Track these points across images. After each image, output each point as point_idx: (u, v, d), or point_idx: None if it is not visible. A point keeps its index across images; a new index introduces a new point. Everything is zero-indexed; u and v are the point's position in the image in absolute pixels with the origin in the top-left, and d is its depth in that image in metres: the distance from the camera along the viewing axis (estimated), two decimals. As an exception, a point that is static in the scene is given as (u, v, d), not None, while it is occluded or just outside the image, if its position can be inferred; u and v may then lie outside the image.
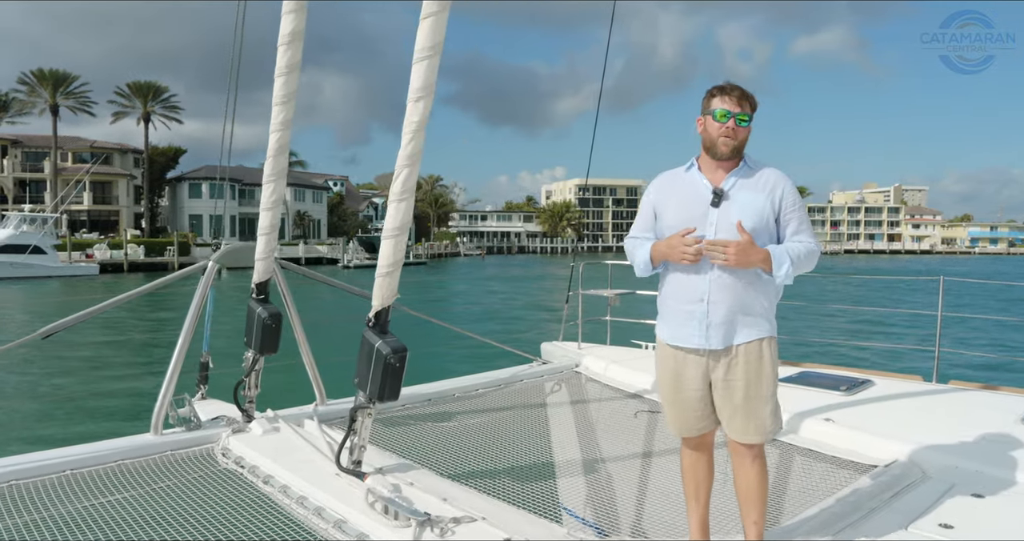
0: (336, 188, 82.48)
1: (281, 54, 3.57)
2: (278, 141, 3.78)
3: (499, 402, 4.70)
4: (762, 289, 2.48)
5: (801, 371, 4.88)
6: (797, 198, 2.50)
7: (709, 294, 2.45)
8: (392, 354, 2.83)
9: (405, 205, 2.81)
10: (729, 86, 2.50)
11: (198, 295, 3.90)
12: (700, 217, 2.45)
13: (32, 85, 52.97)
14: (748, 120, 2.48)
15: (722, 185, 2.48)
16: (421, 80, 2.71)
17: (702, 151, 2.55)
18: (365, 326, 2.93)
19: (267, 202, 3.94)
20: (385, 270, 2.88)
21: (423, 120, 2.75)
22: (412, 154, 2.78)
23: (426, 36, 2.66)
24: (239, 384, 3.77)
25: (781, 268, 2.40)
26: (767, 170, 2.53)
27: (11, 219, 41.16)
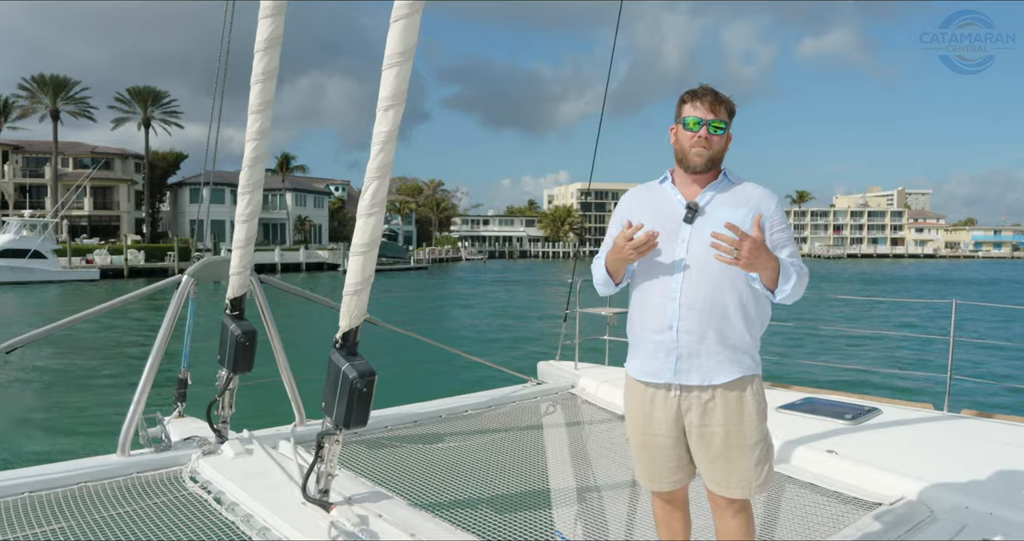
0: (338, 193, 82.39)
1: (258, 60, 3.41)
2: (254, 150, 3.61)
3: (488, 424, 4.51)
4: (745, 316, 2.17)
5: (805, 397, 4.68)
6: (784, 217, 2.23)
7: (678, 320, 2.15)
8: (359, 378, 2.66)
9: (375, 220, 2.64)
10: (701, 90, 2.23)
11: (171, 309, 3.75)
12: (672, 234, 2.19)
13: (33, 90, 53.04)
14: (724, 128, 2.21)
15: (697, 199, 2.22)
16: (391, 88, 2.54)
17: (676, 164, 2.30)
18: (332, 348, 2.77)
19: (242, 214, 3.78)
20: (353, 288, 2.71)
21: (394, 130, 2.58)
22: (382, 166, 2.61)
23: (397, 41, 2.49)
24: (212, 403, 3.64)
25: (788, 281, 2.11)
26: (749, 185, 2.26)
27: (11, 224, 41.15)
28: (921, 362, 15.12)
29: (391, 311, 25.28)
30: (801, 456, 3.61)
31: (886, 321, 24.34)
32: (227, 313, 3.68)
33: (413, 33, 2.50)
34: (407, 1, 2.44)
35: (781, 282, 2.12)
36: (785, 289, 2.13)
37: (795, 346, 16.25)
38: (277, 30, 3.37)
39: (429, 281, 49.58)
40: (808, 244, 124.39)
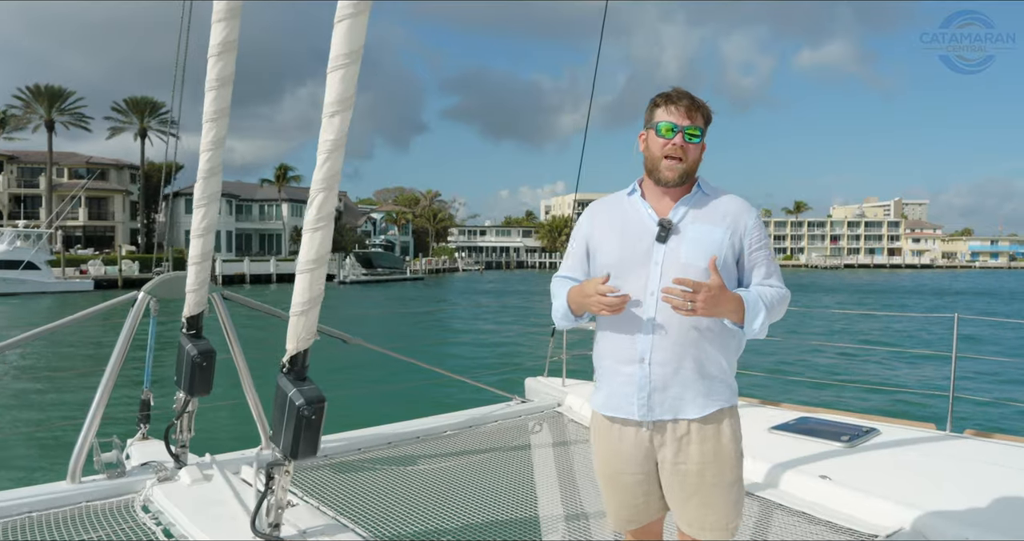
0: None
1: (211, 66, 3.24)
2: (209, 161, 3.43)
3: (468, 445, 4.30)
4: (720, 345, 1.99)
5: (800, 416, 4.45)
6: (763, 233, 2.05)
7: (651, 352, 1.97)
8: (307, 405, 2.46)
9: (322, 234, 2.46)
10: (676, 93, 2.03)
11: (126, 329, 3.56)
12: (642, 254, 1.99)
13: (28, 101, 53.04)
14: (700, 135, 2.02)
15: (670, 215, 2.02)
16: (336, 93, 2.35)
17: (645, 174, 2.10)
18: (279, 372, 2.58)
19: (198, 228, 3.59)
20: (300, 308, 2.52)
21: (341, 138, 2.39)
22: (328, 176, 2.42)
23: (342, 42, 2.31)
24: (170, 427, 3.47)
25: (756, 318, 1.92)
26: (726, 198, 2.07)
27: (5, 235, 41.03)
28: (922, 379, 14.62)
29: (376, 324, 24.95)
30: (793, 481, 3.42)
31: (885, 335, 23.70)
32: (183, 332, 3.51)
33: (360, 34, 2.33)
34: (352, 0, 2.26)
35: (748, 320, 1.94)
36: (753, 327, 1.95)
37: (789, 362, 15.85)
38: (232, 34, 3.20)
39: (424, 291, 49.38)
40: (805, 254, 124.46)
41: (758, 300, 1.95)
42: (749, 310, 1.92)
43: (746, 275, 2.04)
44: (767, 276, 2.03)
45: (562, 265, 2.24)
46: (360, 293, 46.43)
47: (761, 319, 1.93)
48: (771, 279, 2.03)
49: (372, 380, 11.54)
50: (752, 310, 1.93)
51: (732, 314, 1.92)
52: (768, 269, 2.03)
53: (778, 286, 2.04)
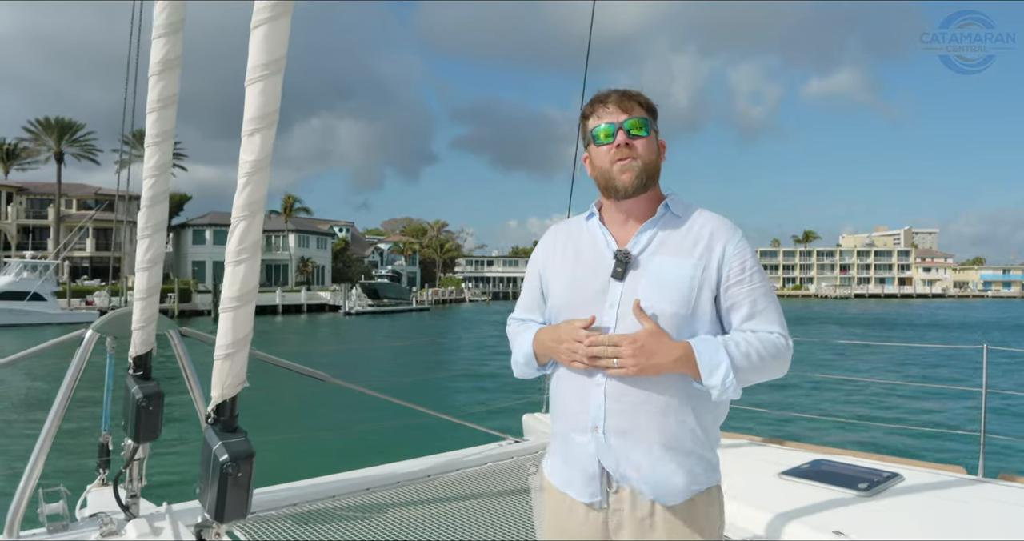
0: (341, 234, 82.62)
1: (153, 85, 3.00)
2: (153, 188, 3.15)
3: (455, 490, 3.92)
4: (693, 407, 1.61)
5: (814, 459, 4.03)
6: (749, 261, 1.65)
7: (604, 418, 1.60)
8: (231, 461, 2.14)
9: (245, 267, 2.15)
10: (602, 93, 1.72)
11: (73, 369, 3.29)
12: (596, 294, 1.64)
13: (37, 133, 53.74)
14: (646, 127, 1.68)
15: (630, 244, 1.67)
16: (257, 108, 2.06)
17: (601, 195, 1.77)
18: (205, 422, 2.28)
19: (143, 260, 3.30)
20: (225, 351, 2.20)
21: (263, 158, 2.10)
22: (251, 202, 2.12)
23: (260, 50, 2.02)
24: (119, 476, 3.18)
25: (715, 372, 1.53)
26: (701, 219, 1.69)
27: (12, 266, 41.38)
28: (949, 416, 13.43)
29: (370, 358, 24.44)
30: (802, 536, 3.04)
31: (907, 369, 22.04)
32: (130, 373, 3.24)
33: (281, 40, 2.04)
34: (271, 2, 1.97)
35: (704, 374, 1.54)
36: (712, 382, 1.54)
37: (803, 397, 14.98)
38: (174, 51, 2.96)
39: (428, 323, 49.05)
40: (815, 284, 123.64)
41: (718, 348, 1.55)
42: (701, 360, 1.54)
43: (726, 315, 1.65)
44: (748, 317, 1.62)
45: (517, 304, 1.90)
46: (369, 324, 46.16)
47: (722, 372, 1.53)
48: (754, 321, 1.62)
49: (350, 420, 11.12)
50: (707, 360, 1.54)
51: (681, 366, 1.55)
52: (752, 308, 1.62)
53: (769, 331, 1.62)
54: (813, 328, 42.98)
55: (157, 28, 2.95)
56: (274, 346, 32.58)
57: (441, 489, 3.90)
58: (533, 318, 1.83)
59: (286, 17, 1.96)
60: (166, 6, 2.79)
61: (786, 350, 1.63)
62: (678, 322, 1.59)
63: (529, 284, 1.85)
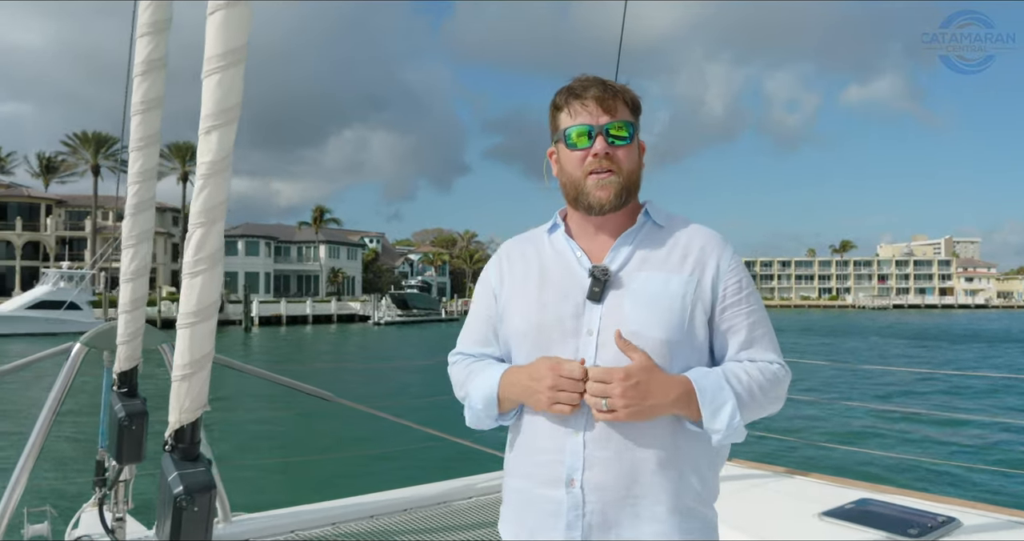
0: (372, 245, 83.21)
1: (137, 86, 2.84)
2: (137, 195, 2.98)
3: (468, 518, 3.64)
4: (692, 455, 1.36)
5: (859, 498, 3.58)
6: (746, 279, 1.43)
7: (582, 470, 1.32)
8: (185, 494, 1.93)
9: (203, 279, 1.92)
10: (580, 83, 1.43)
11: (59, 384, 3.14)
12: (570, 318, 1.38)
13: (75, 147, 55.18)
14: (630, 132, 1.42)
15: (607, 259, 1.41)
16: (214, 103, 1.84)
17: (568, 205, 1.50)
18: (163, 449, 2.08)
19: (127, 271, 3.12)
20: (182, 372, 1.99)
21: (223, 158, 1.89)
22: (209, 207, 1.91)
23: (217, 39, 1.81)
24: (103, 498, 3.02)
25: (719, 413, 1.29)
26: (688, 229, 1.45)
27: (49, 276, 42.63)
28: (1012, 452, 11.96)
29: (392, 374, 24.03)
30: None
31: (962, 394, 19.80)
32: (114, 390, 3.07)
33: (241, 28, 1.82)
34: (229, -17, 1.76)
35: (706, 415, 1.29)
36: (716, 425, 1.29)
37: (844, 425, 13.66)
38: (158, 51, 2.80)
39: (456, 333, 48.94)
40: (852, 294, 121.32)
41: (721, 382, 1.31)
42: (703, 398, 1.29)
43: (719, 340, 1.41)
44: (745, 345, 1.39)
45: (461, 336, 1.58)
46: (397, 335, 46.23)
47: (728, 412, 1.29)
48: (752, 350, 1.39)
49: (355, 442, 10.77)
50: (710, 399, 1.29)
51: (680, 408, 1.30)
52: (750, 334, 1.39)
53: (763, 360, 1.39)
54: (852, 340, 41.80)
55: (141, 27, 2.78)
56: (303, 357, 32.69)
57: (453, 517, 3.63)
58: (487, 353, 1.53)
59: (246, 3, 1.77)
60: (150, 4, 2.62)
61: (786, 382, 1.41)
62: (670, 350, 1.33)
63: (478, 312, 1.54)
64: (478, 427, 1.48)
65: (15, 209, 57.09)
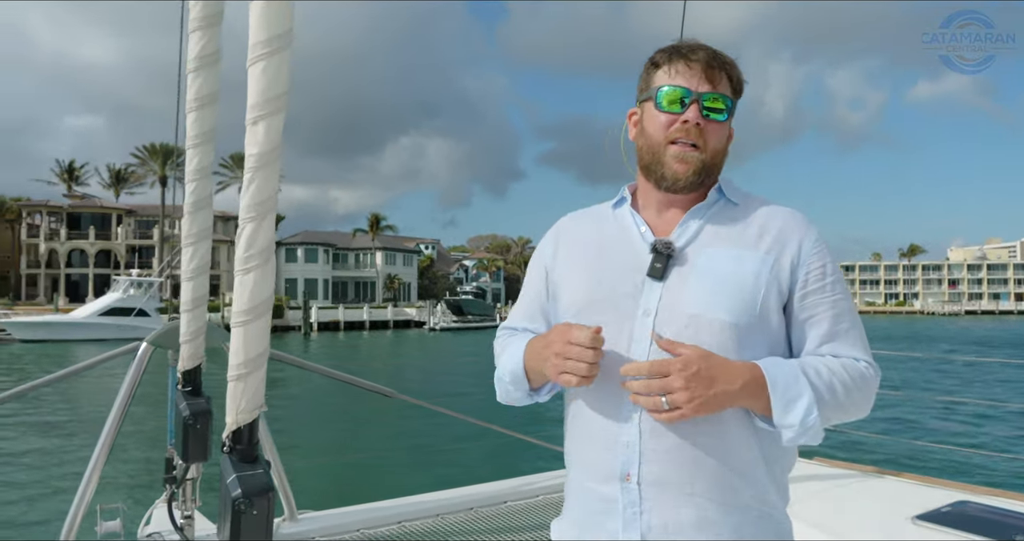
0: (427, 251, 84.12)
1: (191, 82, 2.84)
2: (195, 193, 2.98)
3: (532, 518, 3.53)
4: (761, 450, 1.22)
5: (955, 501, 3.31)
6: (831, 265, 1.26)
7: (639, 464, 1.20)
8: (243, 498, 1.88)
9: (255, 276, 1.86)
10: (688, 44, 1.29)
11: (128, 382, 3.20)
12: (625, 298, 1.25)
13: (144, 158, 57.49)
14: (727, 110, 1.28)
15: (673, 234, 1.28)
16: (260, 91, 1.78)
17: (639, 175, 1.36)
18: (221, 450, 2.03)
19: (188, 270, 3.14)
20: (237, 372, 1.93)
21: (272, 150, 1.82)
22: (259, 201, 1.85)
23: (261, 25, 1.74)
24: (172, 496, 3.06)
25: (792, 407, 1.15)
26: (767, 209, 1.31)
27: (120, 284, 44.35)
28: None
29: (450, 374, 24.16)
30: None
31: None
32: (179, 389, 3.09)
33: (284, 12, 1.75)
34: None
35: (777, 408, 1.14)
36: (789, 420, 1.15)
37: (942, 422, 12.90)
38: (211, 45, 2.80)
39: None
40: (920, 300, 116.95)
41: (796, 375, 1.16)
42: (776, 390, 1.14)
43: (797, 331, 1.26)
44: (827, 338, 1.24)
45: (511, 312, 1.49)
46: (453, 341, 46.53)
47: (804, 407, 1.14)
48: (835, 344, 1.23)
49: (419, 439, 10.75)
50: (783, 390, 1.14)
51: (749, 397, 1.15)
52: (833, 326, 1.23)
53: (847, 356, 1.23)
54: (925, 348, 40.08)
55: (193, 21, 2.76)
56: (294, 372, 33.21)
57: (517, 516, 3.54)
58: (532, 329, 1.42)
59: (291, -20, 1.69)
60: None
61: (874, 383, 1.25)
62: (737, 335, 1.19)
63: (527, 287, 1.44)
64: (509, 402, 1.38)
65: (88, 219, 59.77)
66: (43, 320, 41.58)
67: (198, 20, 2.73)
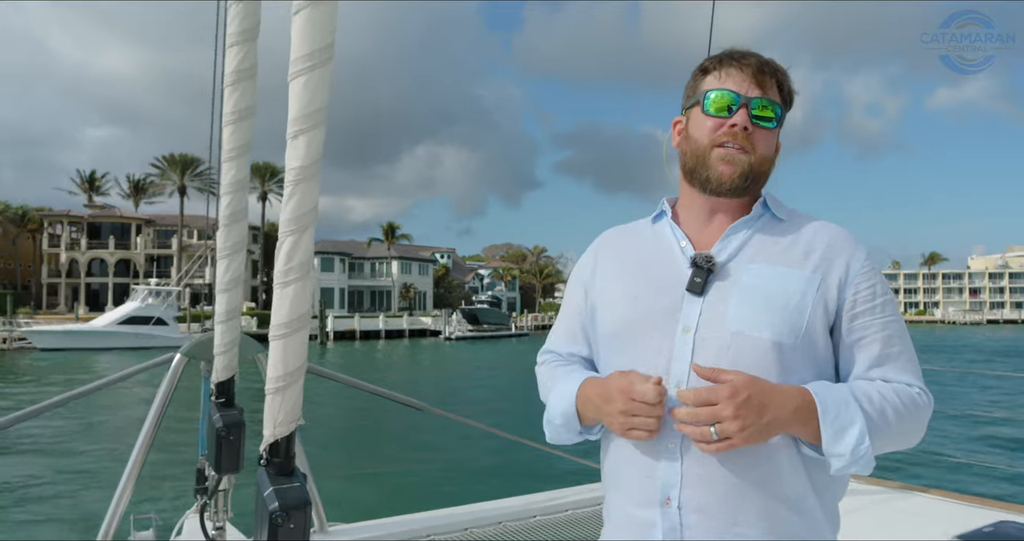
0: (443, 260, 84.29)
1: (228, 96, 2.86)
2: (230, 206, 2.99)
3: (562, 533, 3.48)
4: (810, 476, 1.16)
5: (996, 521, 3.15)
6: (882, 286, 1.22)
7: (680, 488, 1.15)
8: (280, 511, 1.86)
9: (295, 289, 1.86)
10: (739, 51, 1.27)
11: (162, 393, 3.22)
12: (665, 313, 1.21)
13: (164, 169, 58.19)
14: (776, 119, 1.25)
15: (715, 248, 1.24)
16: (301, 107, 1.78)
17: (681, 183, 1.33)
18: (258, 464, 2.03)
19: (223, 282, 3.14)
20: (275, 385, 1.93)
21: (312, 164, 1.82)
22: (299, 215, 1.85)
23: (303, 39, 1.74)
24: (204, 506, 3.06)
25: (844, 435, 1.09)
26: (813, 223, 1.27)
27: (138, 293, 44.82)
28: None
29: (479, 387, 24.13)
30: None
31: None
32: (212, 400, 3.11)
33: (327, 26, 1.75)
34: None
35: (828, 436, 1.09)
36: (839, 449, 1.09)
37: (982, 439, 12.37)
38: (248, 59, 2.81)
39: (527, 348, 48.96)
40: (940, 309, 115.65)
41: (847, 400, 1.11)
42: (826, 417, 1.09)
43: (845, 354, 1.20)
44: (877, 362, 1.18)
45: (551, 332, 1.44)
46: (468, 350, 46.52)
47: (855, 435, 1.08)
48: (885, 368, 1.17)
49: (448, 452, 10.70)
50: (833, 416, 1.09)
51: (799, 423, 1.09)
52: (884, 349, 1.17)
53: (899, 381, 1.17)
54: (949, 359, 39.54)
55: (231, 36, 2.77)
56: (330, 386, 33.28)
57: (546, 531, 3.50)
58: (574, 351, 1.37)
59: (331, 1, 1.70)
60: (239, 13, 2.61)
61: (927, 411, 1.19)
62: (781, 356, 1.14)
63: (567, 307, 1.40)
64: (559, 442, 1.33)
65: (108, 229, 60.47)
66: (63, 329, 42.02)
67: (236, 35, 2.74)
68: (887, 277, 21.76)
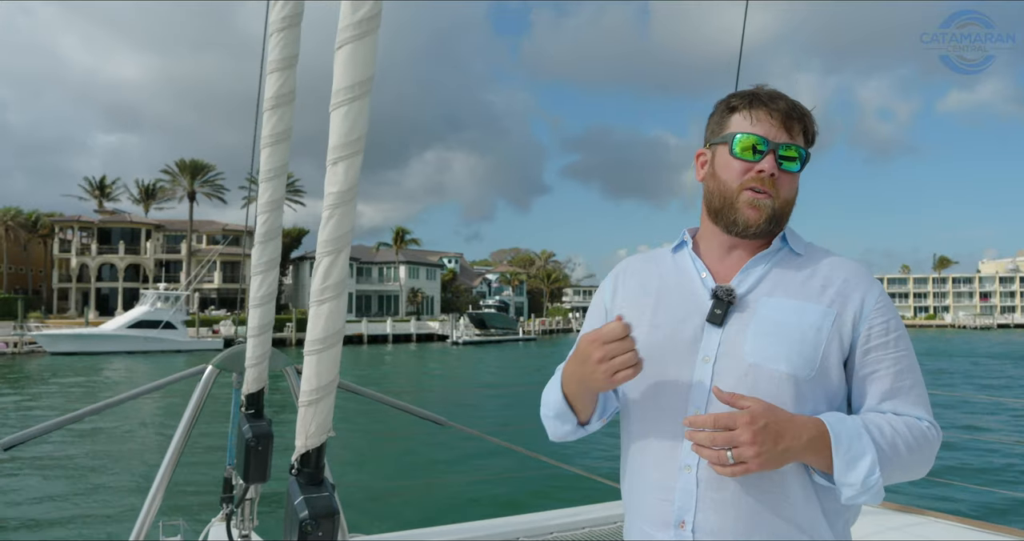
0: (450, 265, 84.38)
1: (267, 120, 2.95)
2: (266, 224, 3.08)
3: None
4: (816, 502, 1.20)
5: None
6: (895, 321, 1.25)
7: (694, 512, 1.20)
8: (310, 520, 1.93)
9: (330, 307, 1.92)
10: (767, 92, 1.31)
11: (193, 403, 3.29)
12: (685, 343, 1.26)
13: (174, 174, 58.57)
14: (799, 160, 1.30)
15: (734, 281, 1.29)
16: (342, 135, 1.87)
17: (703, 217, 1.38)
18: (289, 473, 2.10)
19: (256, 297, 3.23)
20: (309, 398, 2.00)
21: (350, 189, 1.90)
22: (337, 236, 1.94)
23: (346, 72, 1.83)
24: (231, 514, 3.14)
25: (855, 465, 1.13)
26: (830, 258, 1.32)
27: (148, 297, 45.07)
28: None
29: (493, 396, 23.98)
30: None
31: None
32: (242, 411, 3.19)
33: (368, 60, 1.83)
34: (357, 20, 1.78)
35: (840, 466, 1.13)
36: (850, 479, 1.13)
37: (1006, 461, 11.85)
38: (287, 85, 2.91)
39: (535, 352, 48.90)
40: (951, 313, 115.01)
41: (859, 432, 1.15)
42: (839, 447, 1.13)
43: (858, 387, 1.25)
44: (888, 395, 1.22)
45: (571, 354, 1.47)
46: (476, 354, 46.53)
47: (867, 466, 1.12)
48: (896, 401, 1.22)
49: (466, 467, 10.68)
50: (846, 447, 1.13)
51: (812, 453, 1.14)
52: (895, 383, 1.22)
53: (909, 415, 1.22)
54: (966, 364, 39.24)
55: (271, 63, 2.87)
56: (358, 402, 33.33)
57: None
58: None
59: (373, 35, 1.76)
60: (280, 41, 2.70)
61: (936, 444, 1.23)
62: (796, 388, 1.19)
63: (590, 326, 1.41)
64: (560, 438, 1.38)
65: (118, 234, 60.85)
66: (73, 333, 42.28)
67: (276, 62, 2.83)
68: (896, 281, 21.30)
